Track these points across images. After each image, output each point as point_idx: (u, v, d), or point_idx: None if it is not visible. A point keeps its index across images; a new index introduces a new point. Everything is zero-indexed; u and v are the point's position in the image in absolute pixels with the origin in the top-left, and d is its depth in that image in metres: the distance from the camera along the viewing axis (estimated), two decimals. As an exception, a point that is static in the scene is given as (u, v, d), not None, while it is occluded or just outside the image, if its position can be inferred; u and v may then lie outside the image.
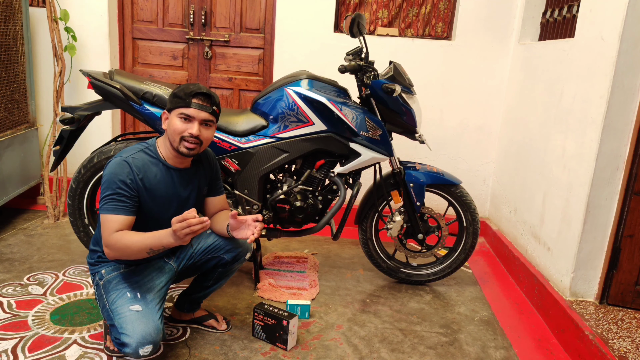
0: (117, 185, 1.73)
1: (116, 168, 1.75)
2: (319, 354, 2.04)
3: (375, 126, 2.40)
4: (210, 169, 2.00)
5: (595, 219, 2.29)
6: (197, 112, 1.77)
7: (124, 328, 1.69)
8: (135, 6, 3.52)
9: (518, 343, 2.25)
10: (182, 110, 1.77)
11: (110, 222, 1.71)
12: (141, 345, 1.67)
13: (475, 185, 3.55)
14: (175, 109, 1.78)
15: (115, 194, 1.72)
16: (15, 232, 3.01)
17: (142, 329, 1.69)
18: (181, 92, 1.78)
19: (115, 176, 1.73)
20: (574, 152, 2.41)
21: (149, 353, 1.70)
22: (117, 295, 1.78)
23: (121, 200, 1.73)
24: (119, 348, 1.71)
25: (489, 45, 3.35)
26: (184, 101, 1.77)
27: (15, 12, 3.04)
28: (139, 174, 1.77)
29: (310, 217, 2.47)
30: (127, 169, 1.76)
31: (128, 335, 1.67)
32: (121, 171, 1.75)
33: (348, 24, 2.33)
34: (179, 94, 1.78)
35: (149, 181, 1.80)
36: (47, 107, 3.47)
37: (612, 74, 2.15)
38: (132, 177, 1.76)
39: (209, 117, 1.81)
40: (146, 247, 1.69)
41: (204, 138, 1.82)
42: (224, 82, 3.59)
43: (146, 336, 1.68)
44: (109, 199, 1.72)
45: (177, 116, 1.78)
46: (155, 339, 1.71)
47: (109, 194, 1.73)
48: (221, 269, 2.02)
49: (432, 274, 2.71)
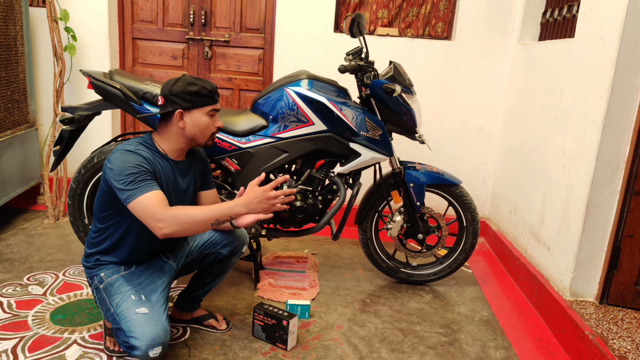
0: (136, 167, 1.67)
1: (125, 156, 1.69)
2: (319, 354, 2.04)
3: (375, 126, 2.40)
4: (202, 162, 2.00)
5: (595, 219, 2.29)
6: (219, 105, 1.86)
7: (133, 331, 1.68)
8: (135, 6, 3.52)
9: (518, 343, 2.25)
10: (214, 106, 1.82)
11: (152, 199, 1.63)
12: (151, 348, 1.67)
13: (475, 185, 3.55)
14: (204, 106, 1.79)
15: (138, 174, 1.65)
16: (15, 232, 3.01)
17: (151, 331, 1.68)
18: (203, 90, 1.77)
19: (128, 162, 1.67)
20: (574, 152, 2.41)
21: (158, 355, 1.70)
22: (121, 298, 1.77)
23: (148, 178, 1.67)
24: (128, 351, 1.70)
25: (489, 45, 3.35)
26: (212, 98, 1.80)
27: (15, 12, 3.04)
28: (151, 162, 1.74)
29: (310, 217, 2.47)
30: (138, 155, 1.71)
31: (137, 339, 1.66)
32: (132, 157, 1.69)
33: (348, 24, 2.33)
34: (202, 92, 1.77)
35: (155, 169, 1.76)
36: (47, 107, 3.47)
37: (612, 74, 2.15)
38: (145, 161, 1.71)
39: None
40: (212, 218, 1.66)
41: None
42: (224, 82, 3.59)
43: (155, 338, 1.68)
44: (136, 181, 1.64)
45: (207, 114, 1.80)
46: (164, 340, 1.71)
47: (132, 178, 1.64)
48: (219, 264, 2.02)
49: (432, 274, 2.71)
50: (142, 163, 1.69)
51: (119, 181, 1.65)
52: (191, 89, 1.77)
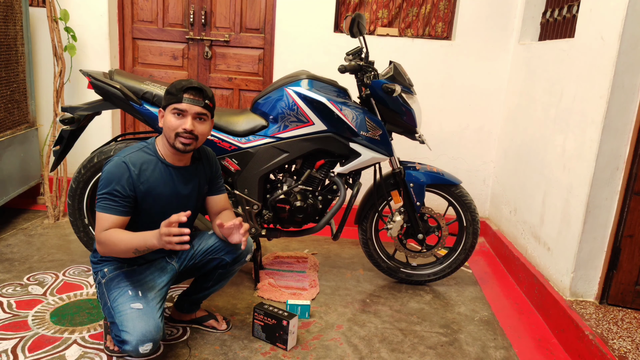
0: (112, 186, 1.75)
1: (113, 168, 1.77)
2: (319, 354, 2.04)
3: (375, 126, 2.40)
4: (210, 168, 2.00)
5: (595, 219, 2.29)
6: (189, 107, 1.78)
7: (125, 325, 1.71)
8: (135, 6, 3.52)
9: (518, 343, 2.25)
10: (175, 105, 1.78)
11: (102, 220, 1.75)
12: (141, 343, 1.68)
13: (475, 185, 3.55)
14: (169, 105, 1.80)
15: (109, 194, 1.75)
16: (15, 232, 3.01)
17: (143, 327, 1.70)
18: (173, 89, 1.79)
19: (112, 176, 1.75)
20: (574, 152, 2.41)
21: (148, 351, 1.71)
22: (118, 293, 1.80)
23: (115, 200, 1.75)
24: (119, 346, 1.72)
25: (489, 45, 3.35)
26: (176, 97, 1.78)
27: (15, 12, 3.04)
28: (136, 173, 1.78)
29: (310, 217, 2.47)
30: (125, 170, 1.77)
31: (128, 333, 1.69)
32: (118, 172, 1.76)
33: (348, 24, 2.33)
34: (171, 90, 1.79)
35: (147, 180, 1.81)
36: (47, 107, 3.47)
37: (612, 74, 2.15)
38: (130, 177, 1.77)
39: (202, 110, 1.81)
40: (132, 247, 1.72)
41: (199, 133, 1.81)
42: (224, 82, 3.59)
43: (146, 334, 1.69)
44: (104, 198, 1.76)
45: (170, 112, 1.79)
46: (155, 337, 1.72)
47: (104, 192, 1.76)
48: (221, 270, 2.02)
49: (432, 274, 2.71)
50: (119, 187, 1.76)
51: (99, 187, 1.78)
52: (169, 87, 1.82)
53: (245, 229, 1.80)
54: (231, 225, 1.80)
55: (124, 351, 1.72)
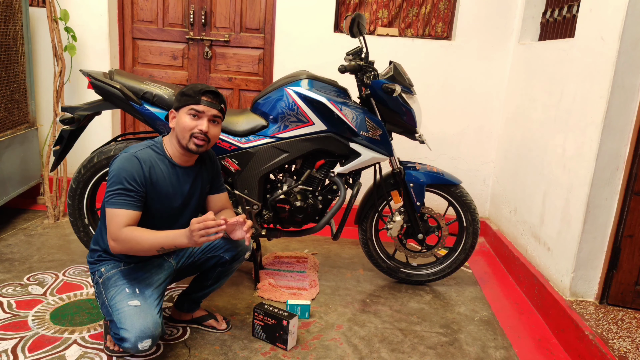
0: (126, 179, 1.74)
1: (125, 163, 1.77)
2: (319, 354, 2.04)
3: (375, 126, 2.40)
4: (212, 167, 2.03)
5: (595, 219, 2.29)
6: (207, 109, 1.82)
7: (123, 323, 1.71)
8: (135, 6, 3.52)
9: (518, 343, 2.25)
10: (193, 106, 1.81)
11: (119, 216, 1.73)
12: (140, 340, 1.69)
13: (475, 185, 3.55)
14: (185, 106, 1.82)
15: (123, 189, 1.74)
16: (15, 232, 3.01)
17: (141, 324, 1.70)
18: (190, 91, 1.82)
19: (124, 171, 1.75)
20: (574, 152, 2.41)
21: (147, 347, 1.72)
22: (115, 291, 1.80)
23: (129, 195, 1.75)
24: (119, 343, 1.73)
25: (489, 45, 3.35)
26: (194, 98, 1.80)
27: (15, 12, 3.04)
28: (146, 169, 1.80)
29: (310, 217, 2.47)
30: (136, 164, 1.78)
31: (127, 330, 1.69)
32: (130, 166, 1.76)
33: (348, 24, 2.33)
34: (188, 92, 1.82)
35: (156, 177, 1.83)
36: (47, 107, 3.47)
37: (612, 74, 2.15)
38: (141, 172, 1.78)
39: (217, 113, 1.85)
40: (157, 245, 1.71)
41: (212, 135, 1.85)
42: (224, 82, 3.59)
43: (145, 330, 1.70)
44: (117, 194, 1.74)
45: (186, 113, 1.81)
46: (154, 333, 1.72)
47: (117, 188, 1.74)
48: (220, 268, 2.02)
49: (432, 274, 2.71)
50: (132, 181, 1.75)
51: (110, 184, 1.76)
52: (184, 90, 1.84)
53: (249, 225, 1.82)
54: (234, 222, 1.82)
55: (123, 348, 1.72)
